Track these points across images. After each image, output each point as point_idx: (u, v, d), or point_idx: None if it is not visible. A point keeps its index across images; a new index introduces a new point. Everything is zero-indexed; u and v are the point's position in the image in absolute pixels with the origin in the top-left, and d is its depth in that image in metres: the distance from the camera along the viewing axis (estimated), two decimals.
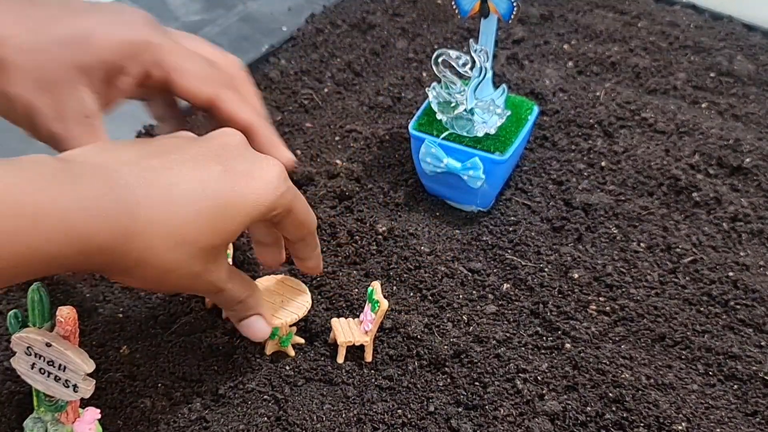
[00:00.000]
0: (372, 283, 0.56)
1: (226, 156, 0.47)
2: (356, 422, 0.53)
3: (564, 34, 0.94)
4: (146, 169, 0.44)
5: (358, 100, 0.84)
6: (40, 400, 0.50)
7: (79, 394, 0.48)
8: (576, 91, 0.83)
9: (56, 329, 0.47)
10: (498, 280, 0.64)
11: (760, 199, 0.71)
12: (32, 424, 0.51)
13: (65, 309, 0.46)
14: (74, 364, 0.47)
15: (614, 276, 0.64)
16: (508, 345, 0.59)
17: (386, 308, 0.55)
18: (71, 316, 0.46)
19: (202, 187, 0.44)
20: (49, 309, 0.48)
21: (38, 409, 0.51)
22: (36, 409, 0.51)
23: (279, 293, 0.57)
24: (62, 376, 0.47)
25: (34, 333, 0.47)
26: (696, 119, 0.80)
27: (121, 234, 0.41)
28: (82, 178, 0.41)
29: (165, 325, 0.60)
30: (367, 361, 0.57)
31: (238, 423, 0.52)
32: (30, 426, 0.51)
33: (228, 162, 0.46)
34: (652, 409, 0.54)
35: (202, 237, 0.44)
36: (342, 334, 0.56)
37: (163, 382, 0.55)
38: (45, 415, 0.51)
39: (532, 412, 0.54)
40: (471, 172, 0.66)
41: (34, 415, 0.51)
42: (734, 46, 0.92)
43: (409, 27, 0.96)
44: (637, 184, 0.73)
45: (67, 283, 0.62)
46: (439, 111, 0.66)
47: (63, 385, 0.48)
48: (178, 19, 0.97)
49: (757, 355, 0.58)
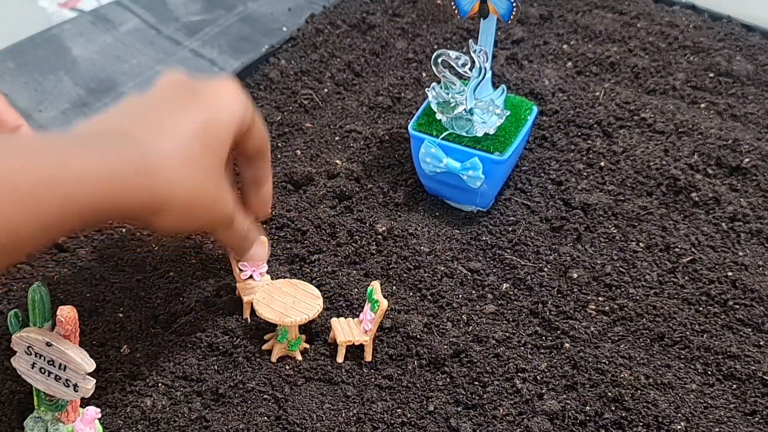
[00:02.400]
0: (372, 283, 0.56)
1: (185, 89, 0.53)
2: (356, 422, 0.53)
3: (563, 34, 0.95)
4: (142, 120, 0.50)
5: (358, 101, 0.84)
6: (40, 400, 0.50)
7: (80, 393, 0.48)
8: (575, 91, 0.83)
9: (57, 329, 0.47)
10: (497, 280, 0.64)
11: (759, 199, 0.72)
12: (33, 423, 0.52)
13: (66, 309, 0.47)
14: (75, 364, 0.47)
15: (613, 276, 0.64)
16: (508, 344, 0.59)
17: (386, 308, 0.55)
18: (71, 315, 0.47)
19: (186, 117, 0.50)
20: (50, 309, 0.49)
21: (39, 408, 0.51)
22: (36, 409, 0.51)
23: (291, 294, 0.57)
24: (63, 376, 0.47)
25: (34, 333, 0.47)
26: (695, 119, 0.80)
27: (144, 175, 0.47)
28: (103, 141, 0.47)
29: (165, 325, 0.60)
30: (367, 360, 0.57)
31: (238, 422, 0.52)
32: (30, 425, 0.52)
33: (191, 92, 0.52)
34: (651, 409, 0.54)
35: (203, 156, 0.50)
36: (342, 334, 0.57)
37: (164, 381, 0.55)
38: (45, 414, 0.51)
39: (532, 411, 0.54)
40: (470, 172, 0.66)
41: (35, 415, 0.51)
42: (733, 47, 0.92)
43: (408, 27, 0.96)
44: (636, 184, 0.73)
45: (67, 283, 0.62)
46: (439, 111, 0.66)
47: (63, 384, 0.48)
48: (178, 19, 0.97)
49: (756, 355, 0.58)
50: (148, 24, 0.96)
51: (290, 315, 0.55)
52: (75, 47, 0.91)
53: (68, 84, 0.86)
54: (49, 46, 0.91)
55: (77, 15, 0.96)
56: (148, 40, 0.94)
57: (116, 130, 0.48)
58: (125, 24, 0.96)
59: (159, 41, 0.94)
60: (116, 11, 0.98)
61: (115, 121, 0.50)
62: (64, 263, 0.65)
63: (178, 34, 0.95)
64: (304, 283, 0.59)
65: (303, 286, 0.58)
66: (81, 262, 0.65)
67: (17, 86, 0.85)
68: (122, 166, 0.46)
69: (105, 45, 0.92)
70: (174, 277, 0.63)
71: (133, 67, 0.89)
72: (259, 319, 0.56)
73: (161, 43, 0.93)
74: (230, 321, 0.59)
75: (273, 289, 0.57)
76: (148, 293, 0.62)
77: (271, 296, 0.57)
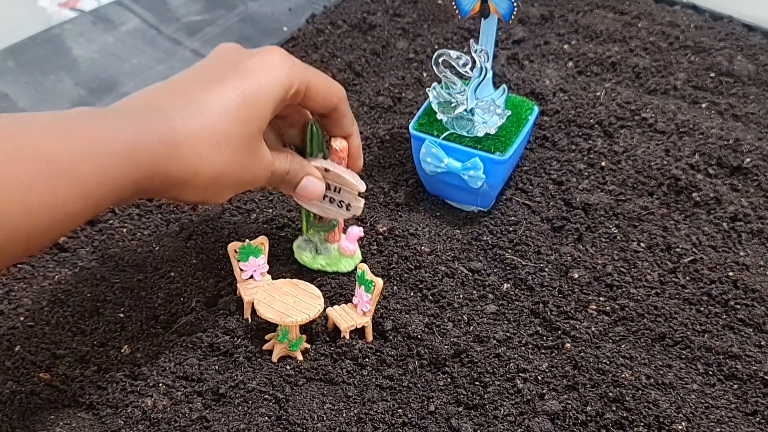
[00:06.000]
0: (359, 265, 0.58)
1: (230, 61, 0.53)
2: (356, 422, 0.53)
3: (564, 34, 0.94)
4: (175, 95, 0.50)
5: (359, 101, 0.84)
6: (309, 224, 0.61)
7: (352, 212, 0.59)
8: (576, 91, 0.83)
9: (330, 157, 0.57)
10: (498, 280, 0.64)
11: (760, 199, 0.71)
12: (304, 244, 0.62)
13: (339, 140, 0.57)
14: (349, 185, 0.57)
15: (614, 276, 0.64)
16: (509, 345, 0.59)
17: (381, 286, 0.56)
18: (344, 146, 0.58)
19: (221, 92, 0.51)
20: (323, 141, 0.58)
21: (307, 232, 0.62)
22: (305, 233, 0.62)
23: (292, 294, 0.57)
24: (336, 198, 0.58)
25: (313, 161, 0.57)
26: (696, 119, 0.80)
27: (170, 148, 0.48)
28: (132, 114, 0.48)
29: (166, 325, 0.60)
30: (368, 340, 0.58)
31: (238, 422, 0.52)
32: (302, 245, 0.62)
33: (235, 65, 0.52)
34: (652, 409, 0.54)
35: (235, 131, 0.50)
36: (343, 321, 0.58)
37: (164, 381, 0.55)
38: (314, 236, 0.62)
39: (533, 411, 0.54)
40: (471, 172, 0.66)
41: (304, 237, 0.62)
42: (734, 47, 0.92)
43: (409, 27, 0.96)
44: (637, 184, 0.73)
45: (68, 283, 0.62)
46: (440, 111, 0.66)
47: (337, 205, 0.58)
48: (179, 19, 0.97)
49: (757, 355, 0.58)
50: (149, 24, 0.96)
51: (291, 315, 0.55)
52: (75, 47, 0.91)
53: (69, 84, 0.86)
54: (49, 46, 0.91)
55: (77, 15, 0.96)
56: (148, 40, 0.94)
57: (148, 104, 0.49)
58: (126, 24, 0.96)
59: (159, 41, 0.94)
60: (116, 11, 0.98)
61: (150, 96, 0.50)
62: (65, 263, 0.65)
63: (179, 33, 0.95)
64: (305, 283, 0.59)
65: (304, 286, 0.58)
66: (81, 262, 0.65)
67: (18, 86, 0.85)
68: (149, 139, 0.47)
69: (105, 45, 0.92)
70: (175, 277, 0.63)
71: (133, 67, 0.89)
72: (259, 319, 0.56)
73: (162, 43, 0.93)
74: (231, 321, 0.59)
75: (274, 289, 0.57)
76: (148, 293, 0.62)
77: (271, 296, 0.57)
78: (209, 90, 0.51)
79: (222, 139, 0.50)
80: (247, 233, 0.67)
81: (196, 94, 0.50)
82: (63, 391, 0.55)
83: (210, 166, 0.50)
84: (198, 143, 0.49)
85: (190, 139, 0.48)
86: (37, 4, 0.99)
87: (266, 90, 0.52)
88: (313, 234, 0.61)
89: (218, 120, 0.50)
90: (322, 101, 0.56)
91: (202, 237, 0.67)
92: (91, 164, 0.44)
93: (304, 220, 0.61)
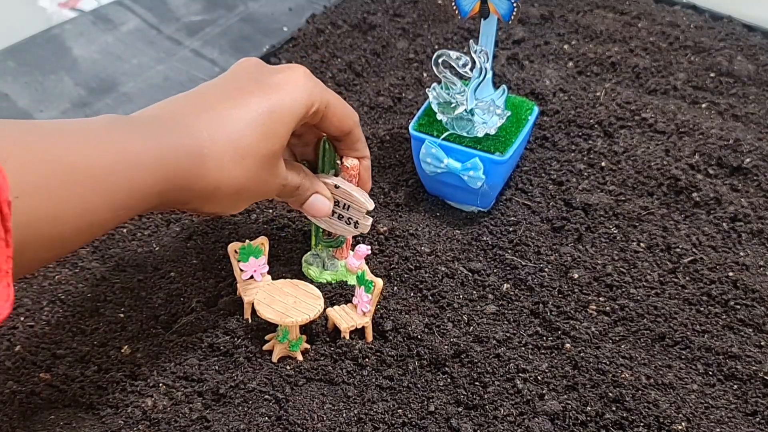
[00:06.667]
0: (359, 266, 0.58)
1: (254, 77, 0.54)
2: (356, 422, 0.53)
3: (564, 34, 0.94)
4: (200, 109, 0.51)
5: (359, 101, 0.84)
6: (318, 239, 0.62)
7: (359, 229, 0.59)
8: (576, 91, 0.83)
9: (341, 175, 0.58)
10: (498, 280, 0.64)
11: (760, 199, 0.71)
12: (312, 259, 0.63)
13: (351, 159, 0.59)
14: (358, 203, 0.58)
15: (614, 276, 0.64)
16: (508, 345, 0.59)
17: (381, 286, 0.56)
18: (356, 164, 0.59)
19: (247, 107, 0.51)
20: (335, 158, 0.59)
21: (315, 247, 0.63)
22: (313, 247, 0.63)
23: (292, 295, 0.57)
24: (345, 215, 0.59)
25: (324, 177, 0.58)
26: (696, 119, 0.80)
27: (195, 163, 0.48)
28: (158, 126, 0.48)
29: (166, 325, 0.60)
30: (368, 341, 0.58)
31: (239, 422, 0.52)
32: (310, 260, 0.63)
33: (258, 81, 0.53)
34: (651, 409, 0.54)
35: (260, 146, 0.51)
36: (343, 321, 0.58)
37: (165, 381, 0.55)
38: (322, 252, 0.62)
39: (532, 411, 0.54)
40: (471, 172, 0.66)
41: (312, 252, 0.63)
42: (734, 47, 0.92)
43: (409, 27, 0.96)
44: (637, 184, 0.73)
45: (68, 283, 0.62)
46: (440, 111, 0.66)
47: (345, 222, 0.59)
48: (179, 19, 0.97)
49: (757, 355, 0.58)
50: (149, 24, 0.96)
51: (291, 315, 0.55)
52: (75, 47, 0.91)
53: (69, 84, 0.86)
54: (49, 46, 0.91)
55: (78, 15, 0.96)
56: (148, 40, 0.94)
57: (174, 116, 0.49)
58: (126, 24, 0.96)
59: (160, 41, 0.94)
60: (117, 11, 0.98)
61: (176, 107, 0.51)
62: (65, 263, 0.65)
63: (179, 34, 0.95)
64: (305, 283, 0.59)
65: (304, 287, 0.58)
66: (82, 262, 0.65)
67: (18, 86, 0.85)
68: (177, 152, 0.47)
69: (105, 45, 0.92)
70: (175, 277, 0.63)
71: (133, 67, 0.89)
72: (259, 319, 0.56)
73: (162, 43, 0.93)
74: (231, 321, 0.59)
75: (274, 290, 0.58)
76: (149, 293, 0.62)
77: (271, 296, 0.57)
78: (235, 104, 0.51)
79: (246, 153, 0.50)
80: (248, 233, 0.67)
81: (222, 108, 0.51)
82: (63, 391, 0.55)
83: (233, 181, 0.50)
84: (224, 158, 0.49)
85: (216, 154, 0.49)
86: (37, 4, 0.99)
87: (290, 107, 0.53)
88: (321, 249, 0.62)
89: (243, 135, 0.50)
90: (338, 123, 0.57)
91: (203, 237, 0.67)
92: (121, 175, 0.44)
93: (313, 234, 0.62)
